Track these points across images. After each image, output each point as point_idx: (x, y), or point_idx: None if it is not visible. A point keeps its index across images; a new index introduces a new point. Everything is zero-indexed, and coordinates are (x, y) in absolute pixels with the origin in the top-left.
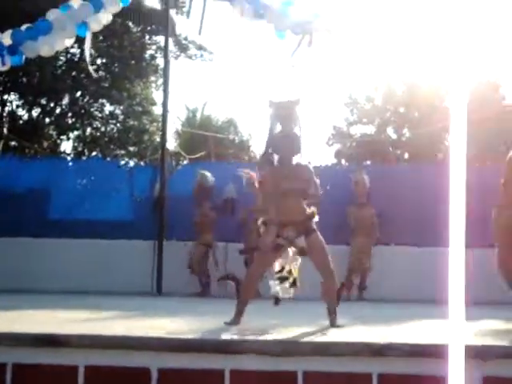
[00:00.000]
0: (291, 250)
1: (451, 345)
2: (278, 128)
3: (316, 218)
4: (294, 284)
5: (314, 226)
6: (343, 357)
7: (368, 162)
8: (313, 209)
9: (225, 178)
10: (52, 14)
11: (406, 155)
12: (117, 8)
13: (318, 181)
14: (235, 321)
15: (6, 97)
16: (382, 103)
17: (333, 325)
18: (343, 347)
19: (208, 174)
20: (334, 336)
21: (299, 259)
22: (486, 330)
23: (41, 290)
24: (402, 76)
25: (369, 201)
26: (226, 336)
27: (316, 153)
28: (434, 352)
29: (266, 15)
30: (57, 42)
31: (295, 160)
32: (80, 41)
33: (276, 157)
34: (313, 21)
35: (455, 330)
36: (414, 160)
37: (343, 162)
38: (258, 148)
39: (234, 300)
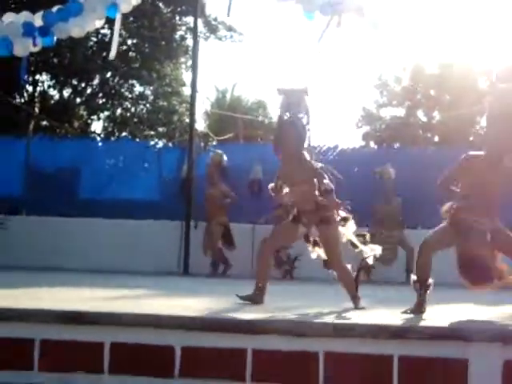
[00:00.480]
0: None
1: (474, 329)
2: (287, 115)
3: (335, 209)
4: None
5: (328, 217)
6: (364, 338)
7: (397, 145)
8: (324, 200)
9: (252, 159)
10: None
11: (436, 138)
12: None
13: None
14: (254, 298)
15: (37, 77)
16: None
17: (356, 307)
18: (364, 329)
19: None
20: (355, 318)
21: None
22: (506, 314)
23: (70, 269)
24: (434, 57)
25: (395, 192)
26: (248, 316)
27: (345, 135)
28: (456, 335)
29: None
30: (87, 24)
31: (300, 149)
32: (110, 22)
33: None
34: (342, 1)
35: (479, 314)
36: (445, 143)
37: (372, 144)
38: None
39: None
